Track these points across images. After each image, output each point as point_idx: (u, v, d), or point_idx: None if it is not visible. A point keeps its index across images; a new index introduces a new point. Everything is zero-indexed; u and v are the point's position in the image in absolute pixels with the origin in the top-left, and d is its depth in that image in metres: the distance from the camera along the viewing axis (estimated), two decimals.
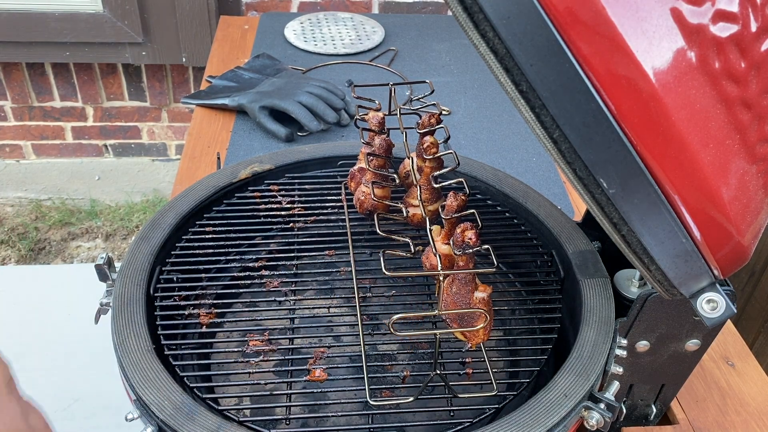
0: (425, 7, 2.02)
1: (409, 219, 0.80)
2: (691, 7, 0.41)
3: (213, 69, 1.53)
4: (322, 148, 0.97)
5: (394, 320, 0.59)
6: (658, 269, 0.50)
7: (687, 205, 0.46)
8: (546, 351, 0.72)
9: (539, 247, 0.85)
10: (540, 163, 1.26)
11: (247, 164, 0.92)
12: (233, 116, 1.35)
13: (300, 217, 0.88)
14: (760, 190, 0.47)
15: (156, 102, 2.21)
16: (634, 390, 0.73)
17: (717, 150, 0.44)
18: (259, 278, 0.81)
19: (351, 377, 0.72)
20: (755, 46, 0.42)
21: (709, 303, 0.53)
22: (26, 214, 2.36)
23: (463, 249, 0.64)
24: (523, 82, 0.43)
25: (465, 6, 0.42)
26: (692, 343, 0.68)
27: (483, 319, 0.64)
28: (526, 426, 0.60)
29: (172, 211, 0.83)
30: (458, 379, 0.74)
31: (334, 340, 0.82)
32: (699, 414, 0.80)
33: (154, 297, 0.74)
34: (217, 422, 0.60)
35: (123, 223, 2.35)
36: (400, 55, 1.62)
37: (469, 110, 1.41)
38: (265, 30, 1.70)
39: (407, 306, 0.82)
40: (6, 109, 2.20)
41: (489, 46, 0.43)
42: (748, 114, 0.44)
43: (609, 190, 0.46)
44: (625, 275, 0.79)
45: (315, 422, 0.71)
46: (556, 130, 0.44)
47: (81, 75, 2.13)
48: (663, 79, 0.41)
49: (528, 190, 0.91)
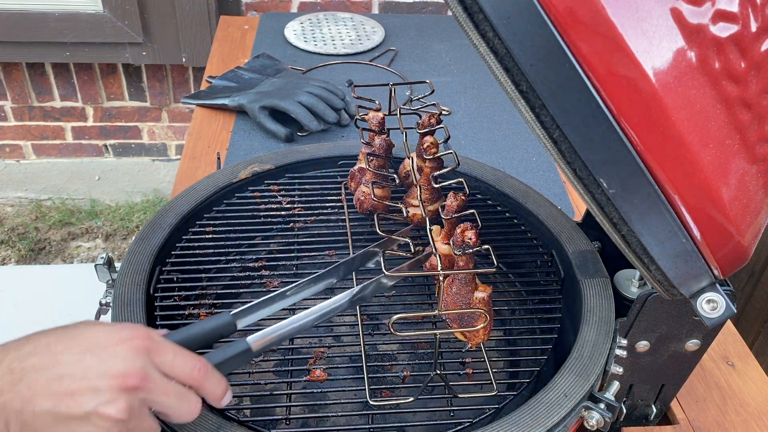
0: (425, 7, 2.02)
1: (409, 219, 0.80)
2: (691, 7, 0.41)
3: (213, 69, 1.53)
4: (322, 148, 0.97)
5: (394, 320, 0.59)
6: (658, 269, 0.50)
7: (687, 205, 0.46)
8: (546, 351, 0.72)
9: (539, 247, 0.85)
10: (540, 163, 1.26)
11: (247, 164, 0.92)
12: (233, 116, 1.35)
13: (300, 217, 0.88)
14: (760, 190, 0.47)
15: (156, 102, 2.21)
16: (634, 390, 0.73)
17: (717, 150, 0.44)
18: (259, 278, 0.81)
19: (351, 377, 0.72)
20: (755, 46, 0.42)
21: (709, 303, 0.53)
22: (26, 214, 2.36)
23: (463, 249, 0.64)
24: (523, 82, 0.43)
25: (465, 6, 0.42)
26: (692, 343, 0.68)
27: (483, 319, 0.64)
28: (526, 426, 0.60)
29: (172, 211, 0.83)
30: (458, 379, 0.74)
31: (334, 340, 0.82)
32: (699, 414, 0.80)
33: (154, 297, 0.74)
34: (217, 422, 0.60)
35: (123, 223, 2.35)
36: (400, 55, 1.62)
37: (469, 110, 1.41)
38: (265, 30, 1.70)
39: (407, 306, 0.81)
40: (6, 109, 2.20)
41: (489, 46, 0.43)
42: (748, 114, 0.44)
43: (609, 190, 0.46)
44: (625, 275, 0.79)
45: (315, 422, 0.71)
46: (556, 130, 0.44)
47: (81, 75, 2.13)
48: (663, 79, 0.41)
49: (528, 190, 0.91)
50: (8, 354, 0.47)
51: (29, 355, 0.47)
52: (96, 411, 0.46)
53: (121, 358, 0.47)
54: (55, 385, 0.46)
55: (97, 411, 0.46)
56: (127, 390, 0.47)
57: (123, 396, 0.46)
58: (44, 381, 0.46)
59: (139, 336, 0.49)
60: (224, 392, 0.53)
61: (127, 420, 0.47)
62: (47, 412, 0.46)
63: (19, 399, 0.45)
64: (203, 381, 0.51)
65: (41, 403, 0.46)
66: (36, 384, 0.46)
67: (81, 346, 0.47)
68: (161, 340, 0.51)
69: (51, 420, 0.46)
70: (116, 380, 0.46)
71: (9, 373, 0.46)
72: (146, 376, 0.48)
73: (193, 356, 0.52)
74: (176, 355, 0.50)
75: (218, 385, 0.53)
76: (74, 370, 0.46)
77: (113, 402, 0.46)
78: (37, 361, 0.47)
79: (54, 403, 0.46)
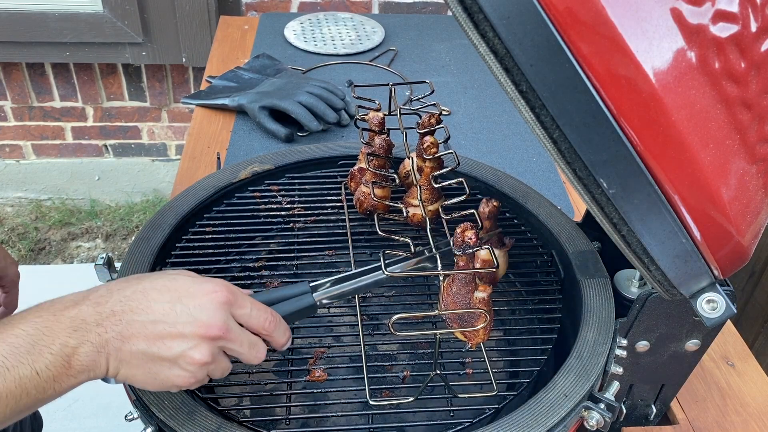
0: (425, 7, 2.02)
1: (409, 219, 0.80)
2: (691, 7, 0.41)
3: (213, 69, 1.53)
4: (322, 148, 0.97)
5: (394, 320, 0.59)
6: (658, 269, 0.50)
7: (687, 205, 0.46)
8: (546, 351, 0.72)
9: (539, 247, 0.85)
10: (540, 163, 1.26)
11: (247, 164, 0.92)
12: (233, 116, 1.35)
13: (300, 217, 0.88)
14: (760, 190, 0.47)
15: (156, 102, 2.21)
16: (634, 390, 0.73)
17: (717, 150, 0.44)
18: (259, 278, 0.81)
19: (351, 377, 0.72)
20: (755, 46, 0.42)
21: (709, 303, 0.53)
22: (26, 214, 2.37)
23: (463, 249, 0.64)
24: (523, 82, 0.43)
25: (465, 6, 0.42)
26: (692, 343, 0.68)
27: (483, 319, 0.64)
28: (526, 426, 0.60)
29: (172, 211, 0.83)
30: (458, 379, 0.74)
31: (334, 340, 0.82)
32: (699, 414, 0.80)
33: None
34: (217, 422, 0.60)
35: (123, 223, 2.35)
36: (400, 55, 1.62)
37: (469, 110, 1.41)
38: (265, 30, 1.70)
39: (407, 306, 0.82)
40: (6, 109, 2.20)
41: (489, 46, 0.43)
42: (748, 114, 0.44)
43: (609, 190, 0.46)
44: (625, 275, 0.79)
45: (315, 422, 0.71)
46: (556, 130, 0.44)
47: (81, 75, 2.13)
48: (663, 79, 0.41)
49: (528, 190, 0.91)
50: (112, 296, 0.53)
51: (129, 299, 0.53)
52: (183, 354, 0.53)
53: (206, 310, 0.54)
54: (150, 328, 0.52)
55: (184, 354, 0.53)
56: (210, 339, 0.54)
57: (206, 343, 0.53)
58: (141, 324, 0.52)
59: (223, 290, 0.55)
60: (288, 340, 0.61)
61: (208, 363, 0.54)
62: (142, 352, 0.52)
63: (119, 338, 0.52)
64: (272, 331, 0.59)
65: (137, 343, 0.52)
66: (134, 326, 0.52)
67: (173, 296, 0.54)
68: (241, 293, 0.57)
69: (145, 359, 0.53)
70: (201, 329, 0.53)
71: (112, 315, 0.52)
72: (226, 327, 0.54)
73: (266, 309, 0.59)
74: (252, 308, 0.57)
75: (283, 334, 0.60)
76: (167, 317, 0.53)
77: (197, 347, 0.53)
78: (136, 305, 0.53)
79: (148, 344, 0.52)
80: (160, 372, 0.53)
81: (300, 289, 0.64)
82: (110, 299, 0.53)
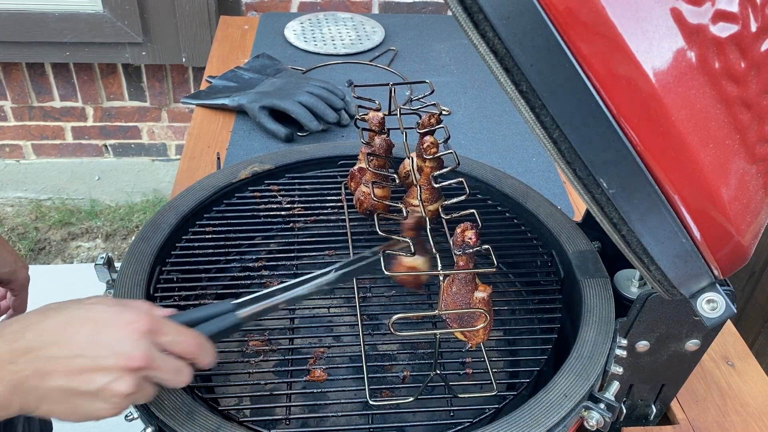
0: (425, 7, 2.02)
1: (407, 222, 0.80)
2: (691, 7, 0.41)
3: (213, 69, 1.53)
4: (322, 148, 0.97)
5: (394, 320, 0.59)
6: (658, 269, 0.50)
7: (687, 205, 0.46)
8: (546, 351, 0.72)
9: (539, 247, 0.85)
10: (540, 163, 1.26)
11: (247, 164, 0.92)
12: (233, 116, 1.35)
13: (300, 217, 0.88)
14: (760, 190, 0.47)
15: (156, 102, 2.21)
16: (634, 390, 0.73)
17: (717, 150, 0.44)
18: (259, 278, 0.81)
19: (351, 377, 0.72)
20: (755, 46, 0.42)
21: (709, 303, 0.53)
22: (26, 214, 2.37)
23: (463, 249, 0.64)
24: (523, 82, 0.43)
25: (465, 6, 0.42)
26: (692, 343, 0.68)
27: (483, 319, 0.64)
28: (526, 426, 0.60)
29: (172, 211, 0.83)
30: (458, 379, 0.74)
31: (334, 340, 0.82)
32: (699, 414, 0.80)
33: (154, 297, 0.74)
34: (217, 422, 0.60)
35: (123, 223, 2.35)
36: (400, 55, 1.62)
37: (469, 110, 1.41)
38: (265, 30, 1.70)
39: (407, 306, 0.81)
40: (6, 109, 2.20)
41: (489, 46, 0.43)
42: (748, 114, 0.44)
43: (609, 190, 0.46)
44: (625, 275, 0.79)
45: (315, 422, 0.71)
46: (556, 130, 0.44)
47: (81, 75, 2.13)
48: (663, 79, 0.41)
49: (528, 190, 0.91)
50: (28, 331, 0.52)
51: (46, 333, 0.52)
52: (106, 387, 0.52)
53: (127, 341, 0.53)
54: (69, 363, 0.51)
55: (107, 387, 0.52)
56: (133, 370, 0.52)
57: (129, 375, 0.52)
58: (60, 360, 0.51)
59: (143, 318, 0.54)
60: (213, 360, 0.60)
61: (132, 393, 0.53)
62: (63, 388, 0.51)
63: (37, 375, 0.51)
64: (197, 355, 0.57)
65: (57, 379, 0.51)
66: (52, 363, 0.51)
67: (93, 328, 0.53)
68: (163, 320, 0.56)
69: (66, 394, 0.51)
70: (123, 361, 0.52)
71: (28, 352, 0.51)
72: (149, 357, 0.53)
73: (189, 333, 0.58)
74: (175, 334, 0.56)
75: (208, 356, 0.59)
76: (86, 351, 0.52)
77: (120, 380, 0.52)
78: (55, 339, 0.52)
79: (69, 379, 0.51)
80: (83, 406, 0.52)
81: (223, 307, 0.63)
82: (25, 335, 0.51)
